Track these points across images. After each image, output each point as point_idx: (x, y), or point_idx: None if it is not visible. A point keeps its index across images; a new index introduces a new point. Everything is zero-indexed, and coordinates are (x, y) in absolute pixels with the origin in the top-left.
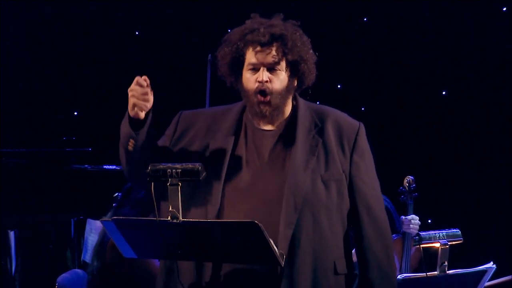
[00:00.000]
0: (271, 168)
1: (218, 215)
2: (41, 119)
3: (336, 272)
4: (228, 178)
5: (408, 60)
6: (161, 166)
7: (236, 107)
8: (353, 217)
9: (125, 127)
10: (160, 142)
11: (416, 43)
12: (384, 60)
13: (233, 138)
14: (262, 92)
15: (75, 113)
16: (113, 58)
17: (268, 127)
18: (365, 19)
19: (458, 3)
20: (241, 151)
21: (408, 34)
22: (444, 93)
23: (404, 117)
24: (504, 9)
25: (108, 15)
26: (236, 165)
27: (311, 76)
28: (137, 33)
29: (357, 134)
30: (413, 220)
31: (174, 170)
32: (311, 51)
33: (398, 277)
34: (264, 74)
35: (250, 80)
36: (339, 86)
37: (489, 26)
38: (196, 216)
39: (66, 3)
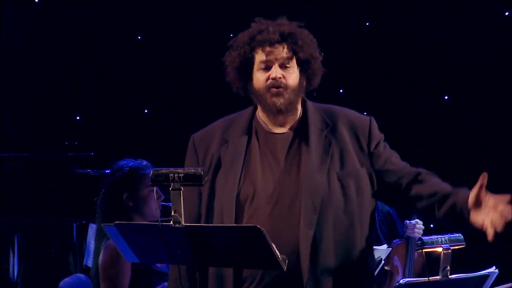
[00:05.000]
0: (287, 171)
1: (236, 221)
2: (44, 123)
3: (358, 272)
4: (244, 183)
5: (410, 64)
6: (163, 171)
7: (245, 113)
8: (403, 187)
9: None
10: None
11: (419, 47)
12: (386, 64)
13: (245, 143)
14: (276, 86)
15: (78, 118)
16: (116, 63)
17: (280, 130)
18: (367, 24)
19: (461, 8)
20: (255, 155)
21: (410, 38)
22: (446, 97)
23: (407, 121)
24: (507, 13)
25: (111, 19)
26: (251, 169)
27: (319, 75)
28: (139, 37)
29: (370, 127)
30: (418, 224)
31: (176, 175)
32: (318, 50)
33: (400, 281)
34: (277, 71)
35: (262, 78)
36: (341, 91)
37: (491, 30)
38: (214, 222)
39: (70, 8)
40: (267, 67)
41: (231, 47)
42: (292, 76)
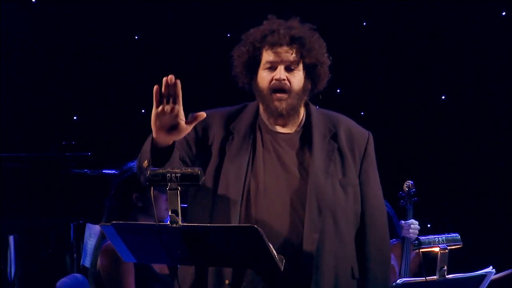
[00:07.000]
0: (290, 171)
1: (240, 219)
2: (41, 123)
3: (353, 276)
4: (248, 182)
5: (407, 64)
6: (160, 171)
7: (250, 108)
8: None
9: (147, 146)
10: (182, 151)
11: (415, 47)
12: (383, 64)
13: (251, 139)
14: (279, 90)
15: (75, 118)
16: (113, 63)
17: (284, 130)
18: (364, 24)
19: (457, 8)
20: (259, 154)
21: (407, 38)
22: (443, 97)
23: (403, 121)
24: (504, 13)
25: (108, 19)
26: (255, 166)
27: (325, 79)
28: (136, 37)
29: (367, 143)
30: (413, 224)
31: (173, 175)
32: (326, 54)
33: (397, 281)
34: (282, 73)
35: (266, 78)
36: (338, 91)
37: (488, 30)
38: (219, 221)
39: (67, 8)
40: (273, 67)
41: (241, 41)
42: (297, 79)
